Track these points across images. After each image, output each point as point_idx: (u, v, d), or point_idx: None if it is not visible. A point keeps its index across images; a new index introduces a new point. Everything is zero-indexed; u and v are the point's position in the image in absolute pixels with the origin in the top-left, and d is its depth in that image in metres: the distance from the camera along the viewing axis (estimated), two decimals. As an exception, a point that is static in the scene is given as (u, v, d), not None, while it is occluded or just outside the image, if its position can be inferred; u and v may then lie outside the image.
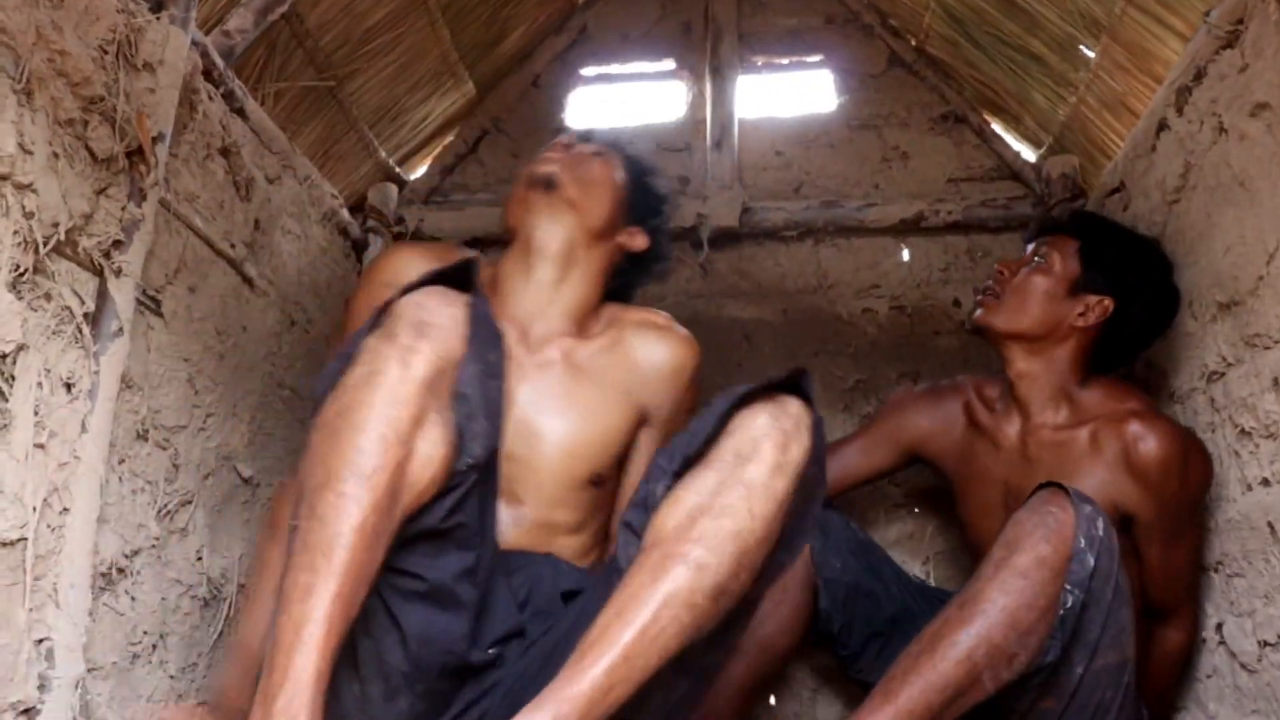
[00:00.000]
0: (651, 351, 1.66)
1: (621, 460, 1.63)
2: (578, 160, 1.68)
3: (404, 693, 1.23)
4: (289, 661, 0.99)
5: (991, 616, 1.34)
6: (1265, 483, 1.51)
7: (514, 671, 1.31)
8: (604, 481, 1.58)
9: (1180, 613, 1.71)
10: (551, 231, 1.63)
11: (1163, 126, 1.82)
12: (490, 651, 1.32)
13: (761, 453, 1.16)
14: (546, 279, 1.63)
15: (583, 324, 1.66)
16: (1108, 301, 1.75)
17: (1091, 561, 1.35)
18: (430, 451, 1.15)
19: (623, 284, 1.77)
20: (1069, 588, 1.35)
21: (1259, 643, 1.53)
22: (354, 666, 1.21)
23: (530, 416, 1.54)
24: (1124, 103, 2.05)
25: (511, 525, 1.50)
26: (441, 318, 1.21)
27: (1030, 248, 1.86)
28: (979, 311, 1.83)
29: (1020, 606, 1.34)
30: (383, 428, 1.11)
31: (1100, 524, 1.38)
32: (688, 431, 1.23)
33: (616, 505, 1.64)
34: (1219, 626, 1.65)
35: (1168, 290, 1.79)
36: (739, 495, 1.14)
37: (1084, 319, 1.76)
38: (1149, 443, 1.61)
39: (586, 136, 1.77)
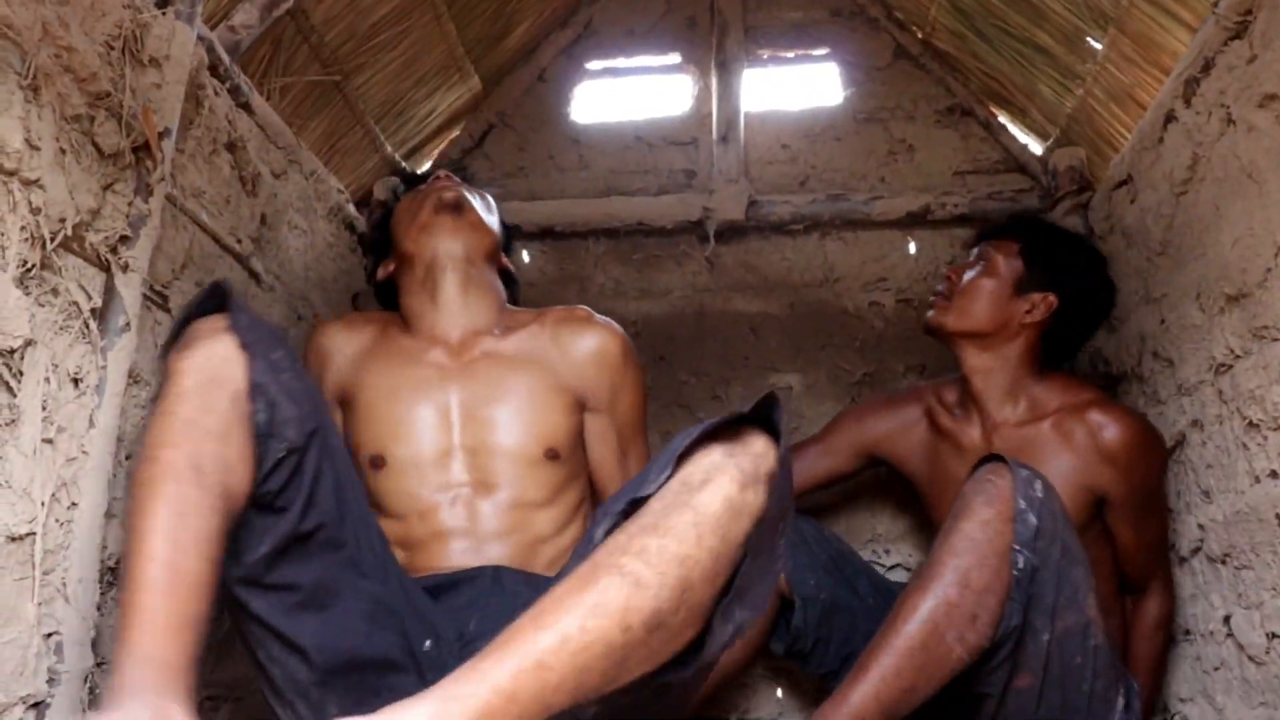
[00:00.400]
0: (575, 340, 1.76)
1: (578, 441, 1.73)
2: (469, 191, 1.84)
3: (330, 700, 1.26)
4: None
5: (945, 579, 1.40)
6: (1273, 475, 1.50)
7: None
8: (560, 456, 1.65)
9: (1155, 583, 1.81)
10: (455, 250, 1.76)
11: (1170, 118, 1.82)
12: (426, 645, 1.36)
13: (715, 484, 1.02)
14: (453, 292, 1.76)
15: (497, 323, 1.78)
16: (1052, 298, 1.86)
17: (1034, 521, 1.42)
18: (229, 450, 1.16)
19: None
20: (1017, 548, 1.41)
21: (1267, 635, 1.53)
22: (278, 694, 1.26)
23: (475, 411, 1.66)
24: (1131, 95, 2.05)
25: (492, 513, 1.60)
26: (199, 334, 1.24)
27: (975, 252, 1.96)
28: (931, 313, 1.93)
29: (970, 567, 1.40)
30: (174, 440, 1.13)
31: (1039, 486, 1.45)
32: (639, 475, 1.12)
33: (586, 488, 1.74)
34: (1227, 619, 1.65)
35: (1105, 283, 1.94)
36: (687, 520, 0.99)
37: (1031, 315, 1.86)
38: (1113, 429, 1.73)
39: (460, 169, 1.99)
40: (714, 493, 1.02)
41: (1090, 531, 1.74)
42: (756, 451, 1.07)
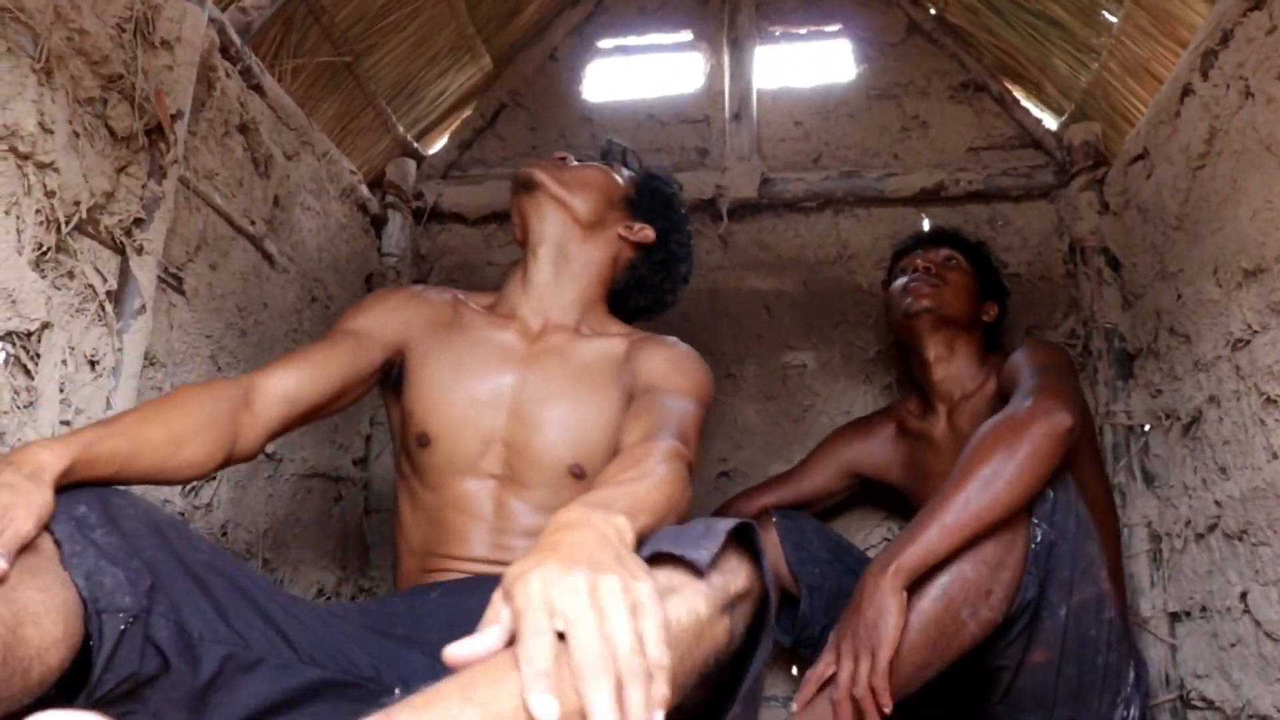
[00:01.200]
0: (654, 351, 1.63)
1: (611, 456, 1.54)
2: (561, 164, 1.77)
3: None
4: None
5: (961, 555, 1.40)
6: (1291, 450, 1.50)
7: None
8: (585, 475, 1.56)
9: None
10: (541, 228, 1.71)
11: (1187, 91, 1.80)
12: (396, 692, 1.23)
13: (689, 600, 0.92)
14: (543, 275, 1.71)
15: (584, 320, 1.72)
16: (994, 309, 2.13)
17: (1050, 493, 1.42)
18: (37, 634, 0.90)
19: (637, 279, 1.81)
20: (1035, 521, 1.42)
21: (1284, 611, 1.52)
22: None
23: (524, 404, 1.59)
24: (1147, 68, 2.03)
25: (522, 511, 1.55)
26: None
27: (932, 253, 2.12)
28: (925, 300, 2.03)
29: (986, 542, 1.41)
30: None
31: None
32: (680, 529, 1.03)
33: None
34: (1244, 595, 1.65)
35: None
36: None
37: (987, 317, 2.12)
38: (1015, 353, 1.84)
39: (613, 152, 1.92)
40: (682, 607, 0.92)
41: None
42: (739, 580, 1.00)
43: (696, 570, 0.93)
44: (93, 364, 1.38)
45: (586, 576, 0.80)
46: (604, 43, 2.74)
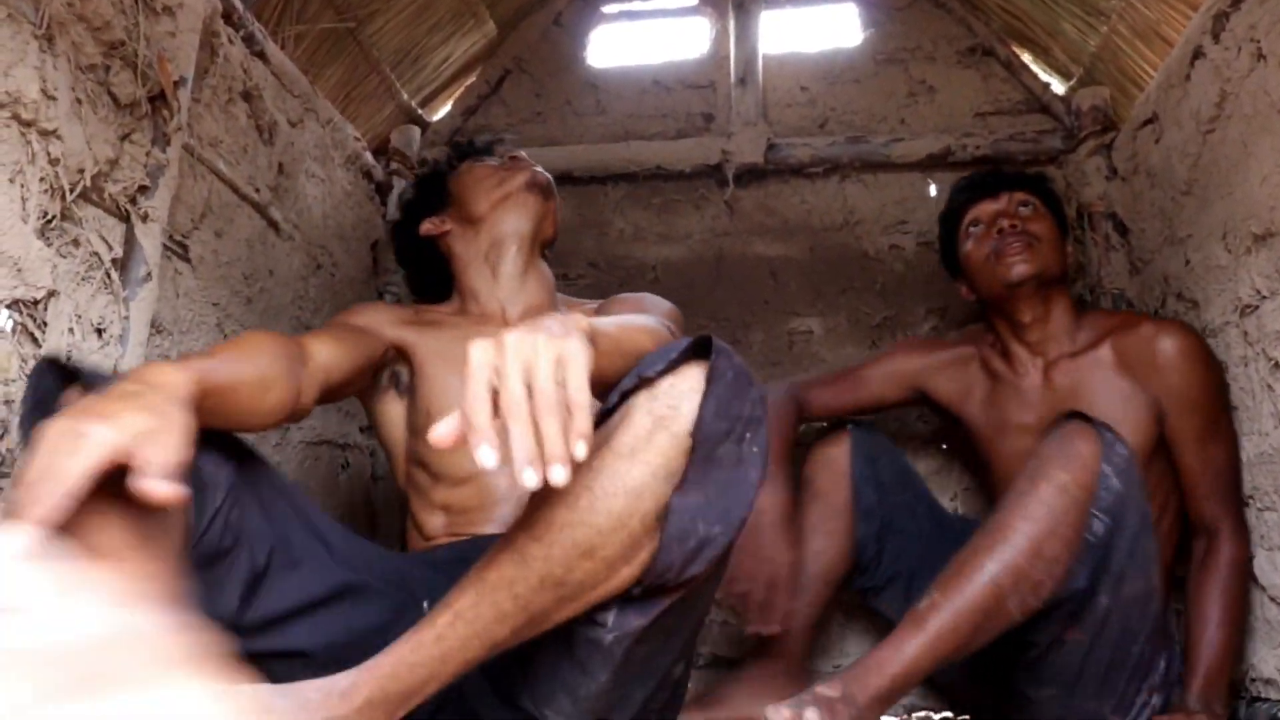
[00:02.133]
0: (623, 300, 1.74)
1: None
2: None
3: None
4: None
5: (1016, 544, 1.36)
6: (1299, 416, 1.49)
7: None
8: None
9: (1225, 524, 1.68)
10: (528, 230, 1.76)
11: (1198, 54, 1.78)
12: (425, 605, 1.33)
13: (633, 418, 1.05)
14: (515, 270, 1.75)
15: (552, 306, 1.78)
16: (1070, 247, 1.95)
17: (1118, 485, 1.37)
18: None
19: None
20: (1096, 514, 1.37)
21: (1290, 576, 1.53)
22: None
23: None
24: (1157, 31, 2.01)
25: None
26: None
27: (1006, 199, 1.92)
28: (1026, 265, 1.84)
29: (1044, 534, 1.36)
30: None
31: (1122, 449, 1.40)
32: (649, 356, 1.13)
33: None
34: (1250, 560, 1.65)
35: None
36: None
37: (1070, 258, 1.94)
38: (1168, 338, 1.72)
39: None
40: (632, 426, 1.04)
41: (1155, 466, 1.72)
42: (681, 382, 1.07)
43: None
44: (99, 332, 1.38)
45: (516, 338, 0.93)
46: (609, 8, 2.71)
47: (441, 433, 0.91)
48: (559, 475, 0.88)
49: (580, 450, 0.90)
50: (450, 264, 1.81)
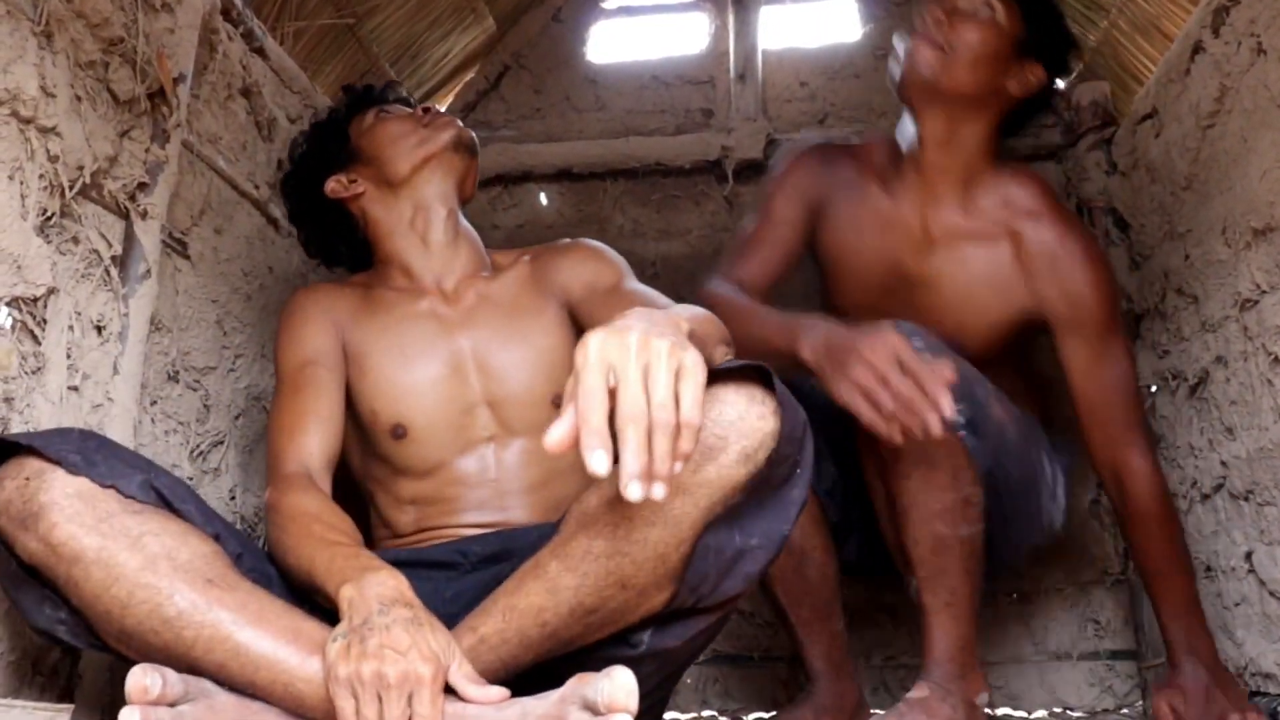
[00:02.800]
0: (559, 256, 1.65)
1: None
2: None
3: None
4: None
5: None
6: (1298, 411, 1.50)
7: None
8: None
9: (1132, 441, 1.63)
10: (454, 193, 1.66)
11: (1198, 49, 1.78)
12: None
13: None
14: (447, 236, 1.64)
15: (484, 266, 1.67)
16: (1040, 70, 1.68)
17: (977, 396, 1.46)
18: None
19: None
20: (964, 438, 1.42)
21: (1289, 570, 1.53)
22: None
23: (487, 360, 1.54)
24: (1157, 25, 2.01)
25: (515, 464, 1.51)
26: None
27: None
28: (926, 67, 1.63)
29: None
30: None
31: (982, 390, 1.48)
32: None
33: None
34: (1249, 555, 1.65)
35: (1070, 60, 1.78)
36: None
37: (1017, 87, 1.67)
38: (1069, 244, 1.64)
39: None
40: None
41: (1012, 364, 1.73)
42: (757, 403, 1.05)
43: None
44: (99, 329, 1.38)
45: (638, 338, 0.89)
46: (608, 3, 2.71)
47: (556, 437, 0.88)
48: (660, 493, 0.86)
49: (678, 468, 0.88)
50: (364, 229, 1.68)
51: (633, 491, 0.85)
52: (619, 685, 0.92)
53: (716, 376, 1.03)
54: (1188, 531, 1.86)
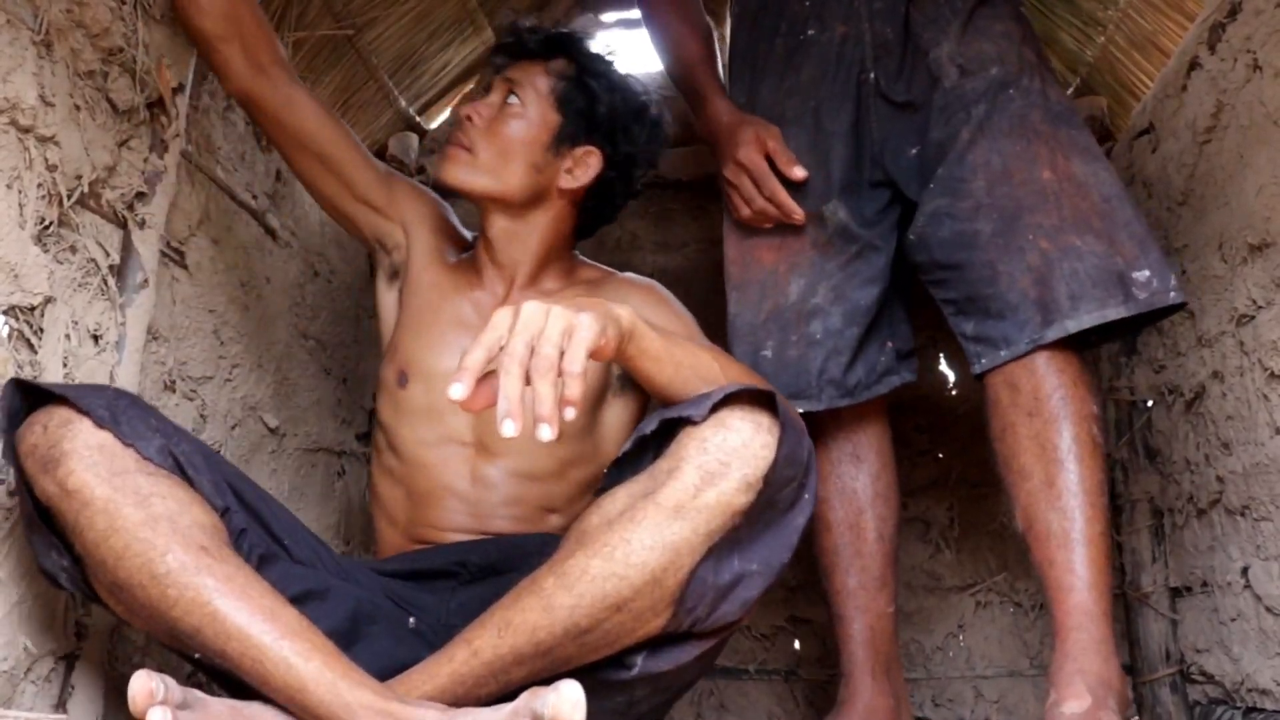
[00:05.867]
0: (616, 293, 1.59)
1: (589, 425, 1.56)
2: (471, 130, 1.59)
3: None
4: None
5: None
6: (1294, 426, 1.50)
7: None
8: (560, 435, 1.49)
9: None
10: (484, 215, 1.63)
11: (1194, 65, 1.79)
12: (410, 621, 1.35)
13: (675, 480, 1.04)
14: (501, 239, 1.61)
15: (546, 275, 1.64)
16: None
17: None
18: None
19: (599, 208, 1.68)
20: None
21: (1286, 586, 1.53)
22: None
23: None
24: (1154, 42, 2.02)
25: (497, 481, 1.51)
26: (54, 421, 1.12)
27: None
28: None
29: None
30: None
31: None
32: (670, 408, 1.14)
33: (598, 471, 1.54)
34: (1245, 570, 1.65)
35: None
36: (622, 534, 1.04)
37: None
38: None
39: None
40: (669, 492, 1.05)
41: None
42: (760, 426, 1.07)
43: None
44: (96, 338, 1.38)
45: (537, 304, 0.99)
46: (607, 16, 2.72)
47: (456, 392, 0.95)
48: (547, 434, 0.92)
49: (569, 414, 0.94)
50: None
51: (506, 429, 0.92)
52: (565, 699, 0.93)
53: (724, 402, 1.05)
54: (1184, 547, 1.86)
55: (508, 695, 1.05)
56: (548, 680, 1.05)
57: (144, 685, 0.97)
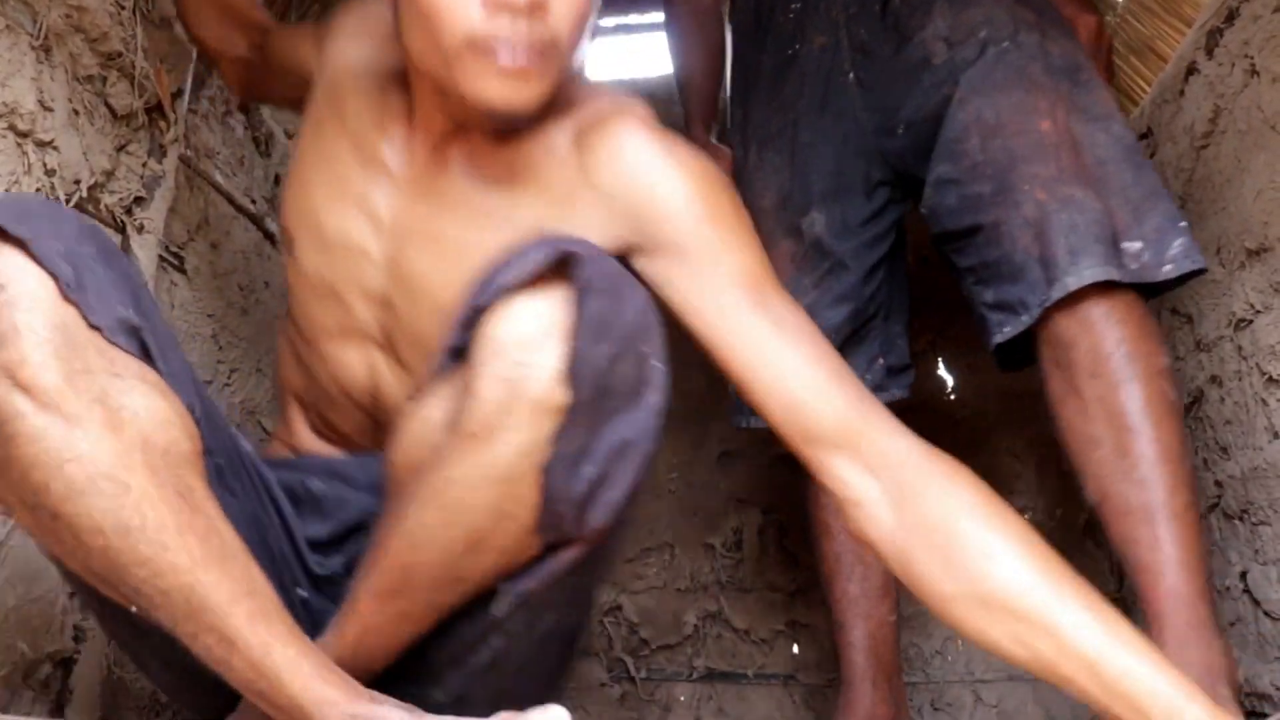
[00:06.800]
0: (655, 189, 1.17)
1: None
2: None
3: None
4: None
5: None
6: (1292, 430, 1.50)
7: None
8: None
9: None
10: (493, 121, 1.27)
11: (1192, 70, 1.79)
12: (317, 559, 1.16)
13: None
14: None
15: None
16: None
17: None
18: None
19: None
20: None
21: (1284, 590, 1.53)
22: None
23: (404, 255, 1.13)
24: (1151, 46, 2.02)
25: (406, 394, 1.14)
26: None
27: None
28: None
29: None
30: None
31: None
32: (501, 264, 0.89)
33: None
34: (1243, 575, 1.65)
35: None
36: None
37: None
38: None
39: None
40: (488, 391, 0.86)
41: None
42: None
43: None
44: (94, 343, 1.37)
45: None
46: (605, 21, 2.72)
47: None
48: None
49: None
50: None
51: None
52: None
53: (507, 290, 0.87)
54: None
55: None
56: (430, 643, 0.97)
57: None
